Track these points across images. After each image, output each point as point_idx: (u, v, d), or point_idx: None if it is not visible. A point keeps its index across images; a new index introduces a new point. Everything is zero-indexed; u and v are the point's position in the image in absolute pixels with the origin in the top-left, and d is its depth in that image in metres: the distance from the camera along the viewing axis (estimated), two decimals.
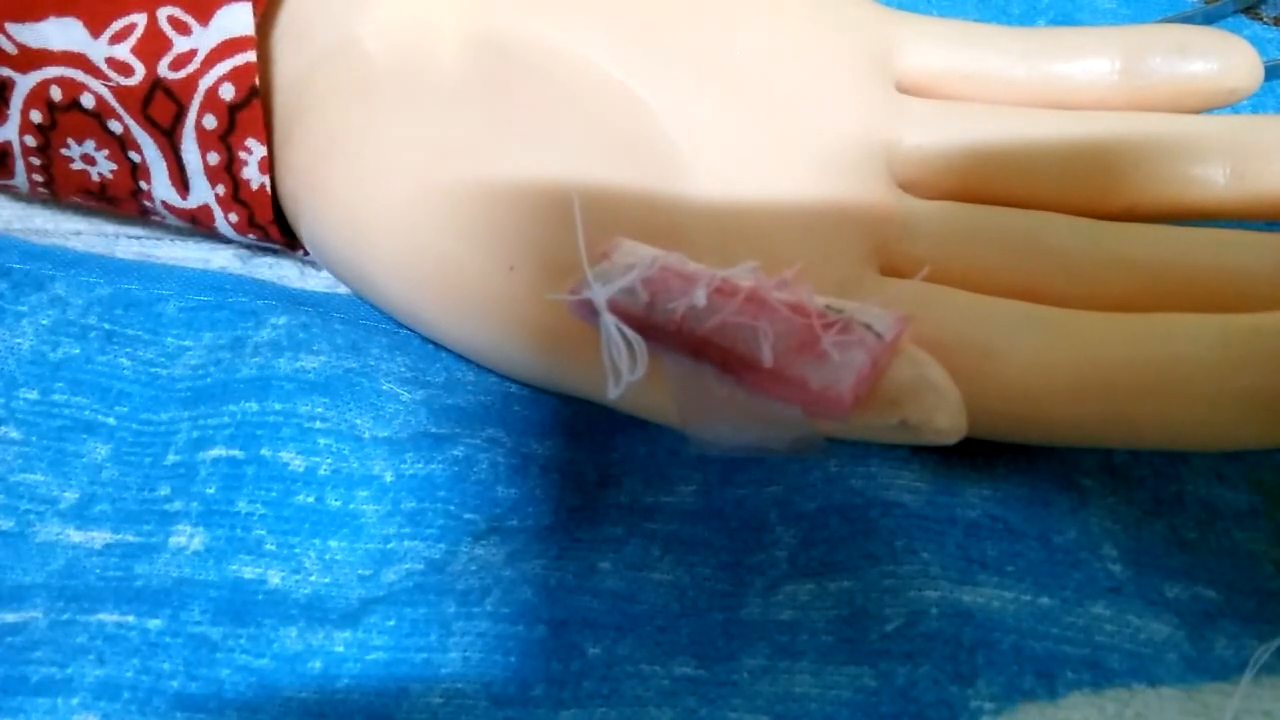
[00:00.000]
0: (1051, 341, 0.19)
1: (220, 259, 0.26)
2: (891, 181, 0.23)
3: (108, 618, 0.19)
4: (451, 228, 0.21)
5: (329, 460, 0.21)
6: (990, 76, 0.24)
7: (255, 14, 0.21)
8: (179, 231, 0.26)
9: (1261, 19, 0.33)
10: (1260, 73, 0.24)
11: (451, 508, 0.21)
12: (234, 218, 0.23)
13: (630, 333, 0.17)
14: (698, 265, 0.18)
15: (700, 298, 0.16)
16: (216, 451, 0.21)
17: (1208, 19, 0.32)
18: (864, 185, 0.22)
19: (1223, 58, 0.23)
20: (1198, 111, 0.24)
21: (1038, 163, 0.22)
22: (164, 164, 0.23)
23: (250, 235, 0.24)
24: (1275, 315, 0.19)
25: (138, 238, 0.26)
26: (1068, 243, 0.21)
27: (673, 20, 0.22)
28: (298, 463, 0.21)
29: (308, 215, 0.23)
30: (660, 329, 0.17)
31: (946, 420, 0.17)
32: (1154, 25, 0.25)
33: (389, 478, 0.21)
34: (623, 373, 0.17)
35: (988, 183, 0.23)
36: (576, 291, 0.18)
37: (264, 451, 0.21)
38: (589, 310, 0.18)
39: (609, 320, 0.17)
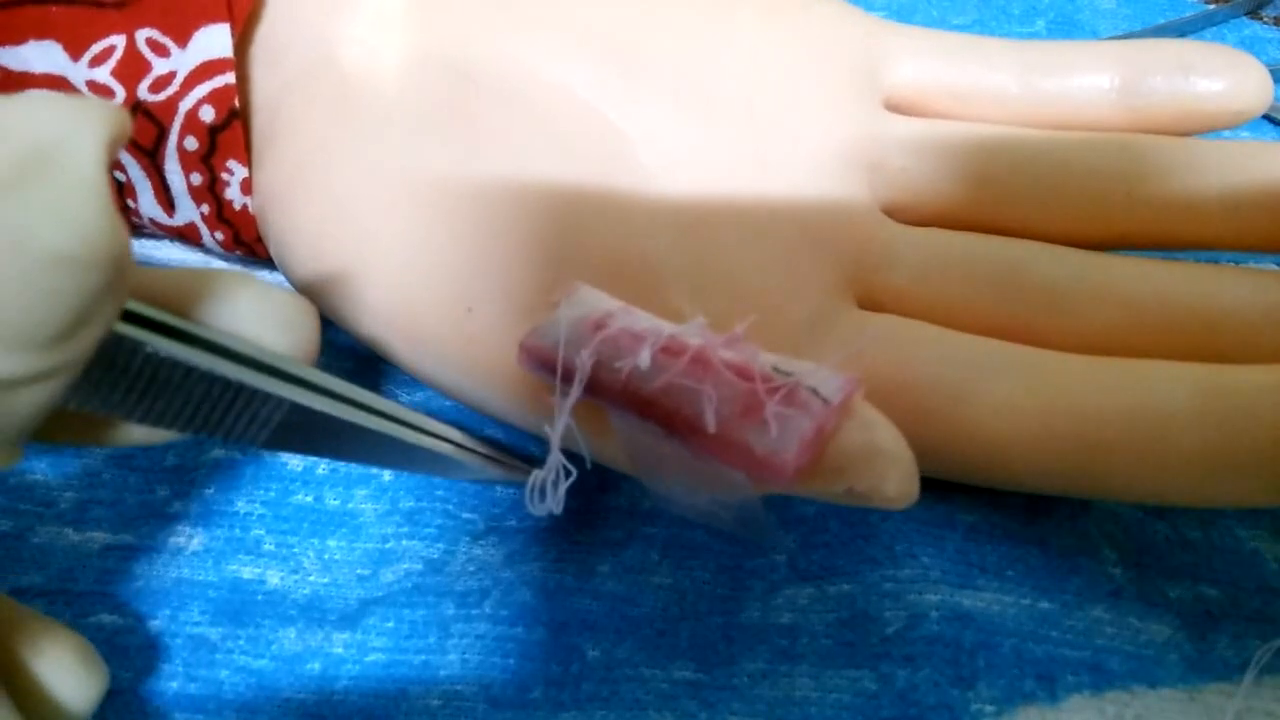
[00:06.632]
0: (1024, 386, 0.18)
1: (220, 260, 0.26)
2: (875, 206, 0.22)
3: (107, 619, 0.19)
4: (414, 265, 0.20)
5: (327, 459, 0.21)
6: (982, 93, 0.23)
7: (233, 35, 0.21)
8: None
9: (1262, 19, 0.33)
10: (1270, 92, 0.22)
11: (450, 507, 0.21)
12: (219, 236, 0.23)
13: (569, 466, 0.16)
14: (650, 319, 0.17)
15: (645, 359, 0.16)
16: (214, 452, 0.21)
17: (1210, 19, 0.32)
18: (845, 212, 0.21)
19: (1229, 77, 0.22)
20: (1201, 134, 0.22)
21: (1028, 189, 0.21)
22: (149, 184, 0.22)
23: (237, 252, 0.24)
24: (1253, 370, 0.18)
25: (136, 239, 0.26)
26: (1053, 276, 0.20)
27: (651, 39, 0.21)
28: (295, 462, 0.21)
29: (275, 237, 0.22)
30: (607, 387, 0.16)
31: (895, 488, 0.16)
32: (1156, 40, 0.23)
33: (387, 476, 0.21)
34: (548, 501, 0.16)
35: (975, 207, 0.22)
36: (528, 340, 0.17)
37: (262, 451, 0.21)
38: (533, 361, 0.17)
39: (556, 447, 0.16)
